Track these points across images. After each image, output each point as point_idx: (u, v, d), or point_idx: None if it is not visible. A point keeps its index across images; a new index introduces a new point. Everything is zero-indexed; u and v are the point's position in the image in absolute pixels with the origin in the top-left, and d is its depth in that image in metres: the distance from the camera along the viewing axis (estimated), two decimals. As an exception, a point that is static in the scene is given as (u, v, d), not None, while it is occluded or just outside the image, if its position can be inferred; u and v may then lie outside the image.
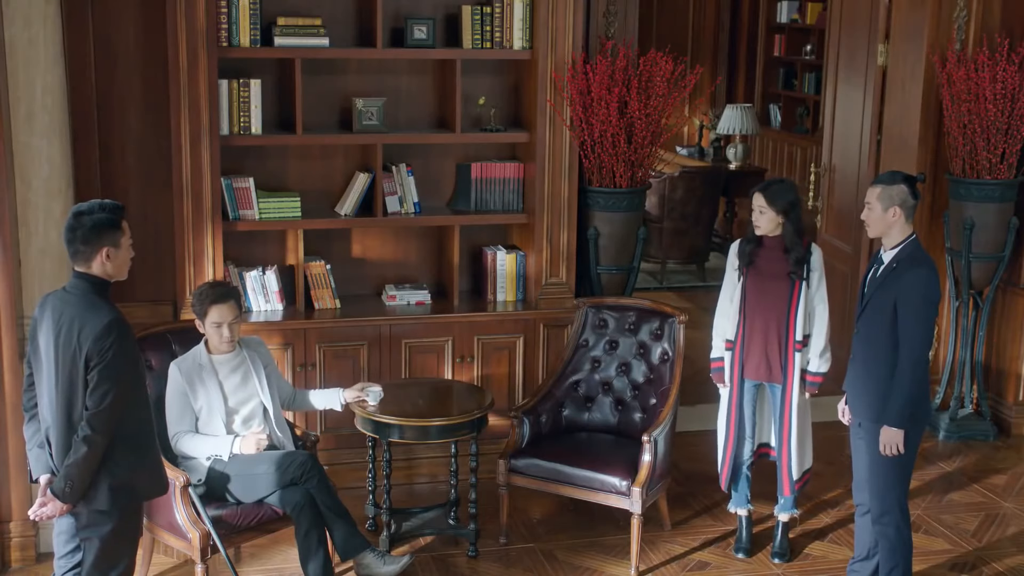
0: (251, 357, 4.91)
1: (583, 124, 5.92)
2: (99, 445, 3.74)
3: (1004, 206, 6.45)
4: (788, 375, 5.06)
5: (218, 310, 4.77)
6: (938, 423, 6.75)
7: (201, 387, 4.78)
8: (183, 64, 5.51)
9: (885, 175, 4.64)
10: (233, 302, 4.82)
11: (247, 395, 4.87)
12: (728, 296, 5.17)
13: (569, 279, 6.15)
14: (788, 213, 4.96)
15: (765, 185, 5.03)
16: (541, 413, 5.51)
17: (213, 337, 4.81)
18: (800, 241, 4.98)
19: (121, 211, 3.85)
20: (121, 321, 3.74)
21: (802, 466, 5.21)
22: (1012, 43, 6.32)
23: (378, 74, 6.12)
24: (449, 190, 6.31)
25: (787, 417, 5.11)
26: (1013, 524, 5.71)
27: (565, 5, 5.88)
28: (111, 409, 3.72)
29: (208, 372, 4.80)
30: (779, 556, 5.29)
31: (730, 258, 5.17)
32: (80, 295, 3.76)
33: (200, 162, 5.61)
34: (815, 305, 5.04)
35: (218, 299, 4.77)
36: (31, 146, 4.95)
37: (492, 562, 5.23)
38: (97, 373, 3.68)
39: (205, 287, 4.88)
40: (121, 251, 3.82)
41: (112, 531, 3.85)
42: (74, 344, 3.70)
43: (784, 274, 5.01)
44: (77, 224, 3.75)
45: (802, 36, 12.60)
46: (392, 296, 6.13)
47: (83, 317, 3.71)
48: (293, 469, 4.69)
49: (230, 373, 4.84)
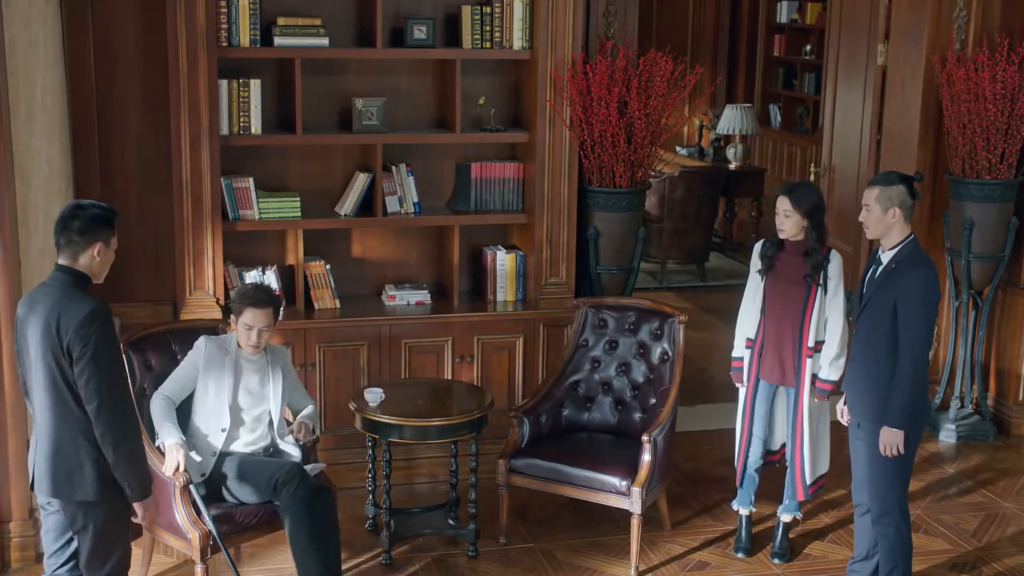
0: (272, 365, 4.89)
1: (583, 124, 5.93)
2: (124, 434, 3.76)
3: (1004, 206, 6.45)
4: (801, 379, 5.06)
5: (253, 314, 4.74)
6: (938, 423, 6.75)
7: (218, 371, 4.76)
8: (183, 64, 5.51)
9: (881, 176, 4.64)
10: (271, 310, 4.79)
11: (259, 399, 4.85)
12: (751, 296, 5.16)
13: (569, 279, 6.15)
14: (812, 215, 4.94)
15: (790, 188, 4.97)
16: (541, 413, 5.51)
17: (241, 337, 4.79)
18: (820, 245, 4.97)
19: (116, 215, 3.90)
20: (103, 310, 3.74)
21: (816, 471, 5.19)
22: (1012, 43, 6.32)
23: (378, 74, 6.12)
24: (449, 190, 6.31)
25: (799, 421, 5.09)
26: (1013, 524, 5.71)
27: (565, 5, 5.89)
28: (110, 397, 3.72)
29: (231, 362, 4.78)
30: (779, 556, 5.29)
31: (753, 258, 5.15)
32: (60, 287, 3.77)
33: (200, 162, 5.61)
34: (829, 313, 5.01)
35: (257, 303, 4.75)
36: (31, 146, 4.95)
37: (492, 562, 5.23)
38: (85, 366, 3.68)
39: (250, 287, 4.89)
40: (110, 252, 3.86)
41: (104, 521, 3.86)
42: (54, 334, 3.70)
43: (801, 279, 4.99)
44: (76, 215, 3.78)
45: (802, 36, 12.61)
46: (392, 296, 6.13)
47: (62, 307, 3.71)
48: (279, 474, 4.63)
49: (251, 373, 4.83)
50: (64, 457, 3.79)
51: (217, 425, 4.77)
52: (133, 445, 3.81)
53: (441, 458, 5.91)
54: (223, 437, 4.75)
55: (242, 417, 4.82)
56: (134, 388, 4.82)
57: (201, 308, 5.68)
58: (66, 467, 3.79)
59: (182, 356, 5.02)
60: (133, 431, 3.83)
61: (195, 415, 4.81)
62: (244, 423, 4.82)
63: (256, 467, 4.71)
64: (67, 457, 3.79)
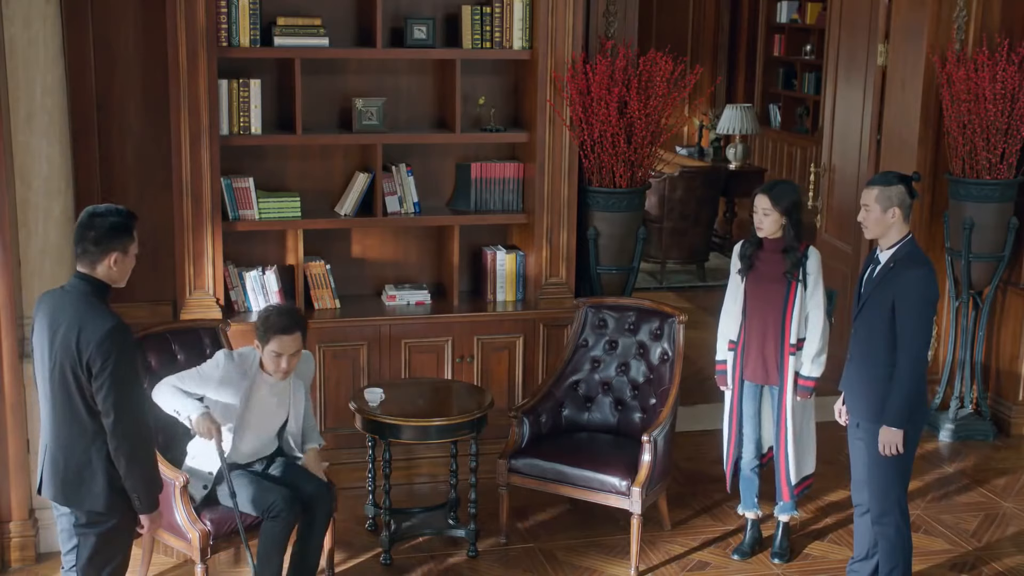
0: (295, 385, 4.75)
1: (583, 124, 5.93)
2: (138, 448, 3.75)
3: (1004, 206, 6.45)
4: (784, 378, 5.06)
5: (280, 341, 4.54)
6: (938, 423, 6.75)
7: (231, 390, 4.58)
8: (183, 64, 5.51)
9: (880, 176, 4.64)
10: (299, 334, 4.58)
11: (273, 421, 4.74)
12: (732, 298, 5.16)
13: (569, 279, 6.15)
14: (791, 213, 4.96)
15: (769, 187, 5.02)
16: (541, 413, 5.51)
17: (269, 364, 4.59)
18: (799, 242, 4.98)
19: (135, 219, 3.84)
20: (123, 326, 3.73)
21: (801, 471, 5.19)
22: (1012, 43, 6.32)
23: (378, 74, 6.12)
24: (449, 190, 6.31)
25: (783, 421, 5.10)
26: (1013, 524, 5.71)
27: (565, 5, 5.88)
28: (129, 412, 3.71)
29: (248, 384, 4.60)
30: (779, 556, 5.29)
31: (733, 259, 5.17)
32: (79, 296, 3.74)
33: (200, 162, 5.61)
34: (810, 309, 5.02)
35: (284, 330, 4.54)
36: (31, 146, 4.95)
37: (492, 562, 5.23)
38: (104, 381, 3.66)
39: (273, 313, 4.62)
40: (128, 258, 3.81)
41: (109, 530, 3.85)
42: (73, 348, 3.67)
43: (781, 276, 5.01)
44: (91, 224, 3.73)
45: (802, 36, 12.60)
46: (392, 296, 6.13)
47: (83, 320, 3.68)
48: (269, 502, 4.56)
49: (268, 396, 4.68)
50: (75, 466, 3.78)
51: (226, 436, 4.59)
52: (146, 459, 3.81)
53: (441, 458, 5.91)
54: (229, 438, 4.62)
55: (250, 429, 4.68)
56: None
57: (201, 308, 5.68)
58: (77, 476, 3.78)
59: (182, 356, 5.02)
60: (147, 445, 3.82)
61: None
62: (250, 433, 4.70)
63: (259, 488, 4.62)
64: (79, 466, 3.77)
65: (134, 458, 3.74)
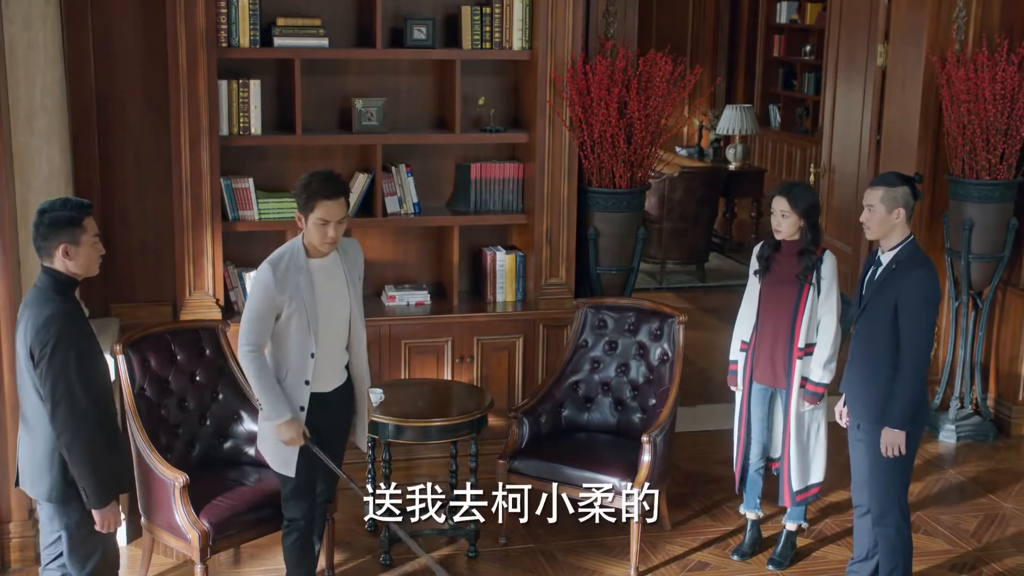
0: (346, 264, 4.48)
1: (583, 124, 5.93)
2: (77, 438, 3.73)
3: (1003, 206, 6.45)
4: (791, 381, 5.05)
5: (326, 207, 4.26)
6: (938, 423, 6.75)
7: (295, 292, 4.30)
8: (183, 64, 5.51)
9: (883, 177, 4.63)
10: (343, 199, 4.32)
11: (338, 305, 4.44)
12: (748, 299, 5.15)
13: (569, 279, 6.15)
14: (809, 215, 4.94)
15: (786, 188, 4.97)
16: (541, 413, 5.51)
17: (314, 235, 4.30)
18: (816, 245, 4.97)
19: (85, 208, 3.83)
20: (66, 313, 3.73)
21: (805, 479, 5.12)
22: (1012, 43, 6.32)
23: (378, 74, 6.12)
24: (449, 190, 6.31)
25: (788, 425, 5.08)
26: (1013, 524, 5.71)
27: (565, 5, 5.88)
28: (65, 400, 3.70)
29: (304, 276, 4.32)
30: (775, 564, 5.23)
31: (752, 261, 5.16)
32: (39, 289, 3.80)
33: (200, 162, 5.61)
34: (822, 315, 4.98)
35: (330, 194, 4.26)
36: (31, 146, 4.95)
37: (492, 562, 5.23)
38: (42, 368, 3.70)
39: (315, 178, 4.32)
40: (82, 248, 3.80)
41: (77, 523, 3.87)
42: (23, 338, 3.75)
43: (794, 279, 4.99)
44: (39, 221, 3.80)
45: (802, 36, 12.61)
46: (392, 296, 6.13)
47: (31, 309, 3.75)
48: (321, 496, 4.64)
49: (326, 280, 4.39)
50: (39, 457, 3.83)
51: (306, 352, 4.35)
52: (90, 450, 3.76)
53: (441, 458, 5.91)
54: (312, 365, 4.36)
55: (322, 330, 4.40)
56: (133, 389, 4.81)
57: (201, 308, 5.68)
58: (39, 468, 3.83)
59: (182, 357, 5.02)
60: (88, 437, 3.75)
61: (278, 347, 4.39)
62: (331, 334, 4.44)
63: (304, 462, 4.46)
64: (40, 457, 3.82)
65: (72, 449, 3.74)
